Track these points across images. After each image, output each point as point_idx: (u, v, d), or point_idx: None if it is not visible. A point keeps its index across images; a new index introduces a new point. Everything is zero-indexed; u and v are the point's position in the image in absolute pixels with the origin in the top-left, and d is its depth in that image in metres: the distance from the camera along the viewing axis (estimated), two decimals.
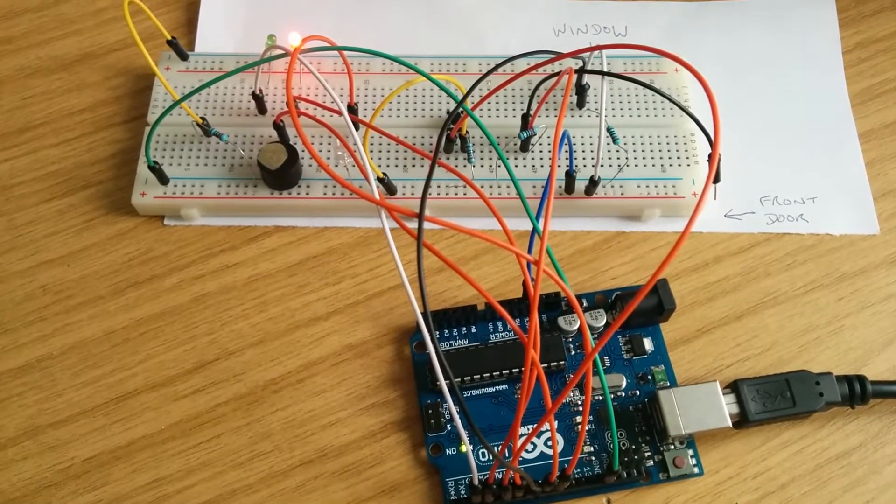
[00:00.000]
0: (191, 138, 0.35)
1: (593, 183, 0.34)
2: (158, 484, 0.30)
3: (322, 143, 0.35)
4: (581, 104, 0.36)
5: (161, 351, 0.32)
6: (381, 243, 0.34)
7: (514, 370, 0.30)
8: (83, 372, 0.32)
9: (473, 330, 0.32)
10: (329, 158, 0.35)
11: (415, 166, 0.35)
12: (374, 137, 0.35)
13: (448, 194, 0.34)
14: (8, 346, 0.32)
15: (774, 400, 0.29)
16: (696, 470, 0.30)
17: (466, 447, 0.26)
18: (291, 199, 0.34)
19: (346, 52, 0.35)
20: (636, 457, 0.29)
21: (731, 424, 0.29)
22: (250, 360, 0.32)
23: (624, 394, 0.31)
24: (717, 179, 0.31)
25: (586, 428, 0.29)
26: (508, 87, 0.34)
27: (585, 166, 0.35)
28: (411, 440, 0.31)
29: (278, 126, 0.34)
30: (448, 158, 0.35)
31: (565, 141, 0.34)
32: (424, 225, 0.23)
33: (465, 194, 0.34)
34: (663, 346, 0.32)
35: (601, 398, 0.31)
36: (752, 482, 0.30)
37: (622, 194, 0.34)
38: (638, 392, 0.31)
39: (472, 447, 0.30)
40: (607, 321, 0.31)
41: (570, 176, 0.34)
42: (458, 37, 0.39)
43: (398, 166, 0.35)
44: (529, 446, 0.30)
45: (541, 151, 0.35)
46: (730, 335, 0.33)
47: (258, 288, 0.33)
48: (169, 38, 0.36)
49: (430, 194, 0.34)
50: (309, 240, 0.34)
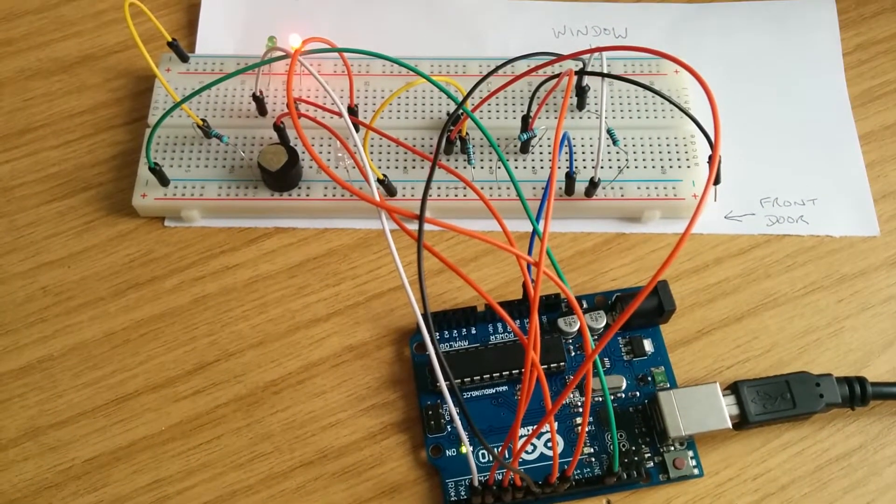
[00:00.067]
0: (191, 140, 0.35)
1: (593, 184, 0.34)
2: (159, 485, 0.30)
3: (322, 145, 0.35)
4: (581, 106, 0.36)
5: (161, 352, 0.32)
6: (381, 245, 0.34)
7: (514, 371, 0.30)
8: (84, 373, 0.32)
9: (473, 331, 0.32)
10: (329, 160, 0.35)
11: (415, 168, 0.35)
12: (374, 139, 0.35)
13: (448, 196, 0.34)
14: (9, 348, 0.32)
15: (774, 401, 0.29)
16: (696, 471, 0.30)
17: (466, 448, 0.26)
18: (292, 201, 0.34)
19: (346, 54, 0.35)
20: (636, 458, 0.29)
21: (731, 426, 0.29)
22: (250, 362, 0.32)
23: (624, 395, 0.31)
24: (717, 181, 0.31)
25: (586, 429, 0.29)
26: (508, 88, 0.34)
27: (585, 168, 0.35)
28: (411, 441, 0.31)
29: (279, 127, 0.34)
30: (448, 160, 0.35)
31: (565, 142, 0.34)
32: (425, 226, 0.23)
33: (466, 196, 0.34)
34: (663, 347, 0.32)
35: (601, 399, 0.31)
36: (753, 483, 0.30)
37: (622, 196, 0.34)
38: (638, 393, 0.31)
39: (472, 448, 0.30)
40: (607, 322, 0.31)
41: (571, 177, 0.34)
42: (458, 38, 0.39)
43: (398, 168, 0.35)
44: (529, 447, 0.30)
45: (541, 153, 0.35)
46: (730, 336, 0.33)
47: (258, 289, 0.33)
48: (169, 39, 0.36)
49: (431, 196, 0.34)
50: (309, 241, 0.34)
